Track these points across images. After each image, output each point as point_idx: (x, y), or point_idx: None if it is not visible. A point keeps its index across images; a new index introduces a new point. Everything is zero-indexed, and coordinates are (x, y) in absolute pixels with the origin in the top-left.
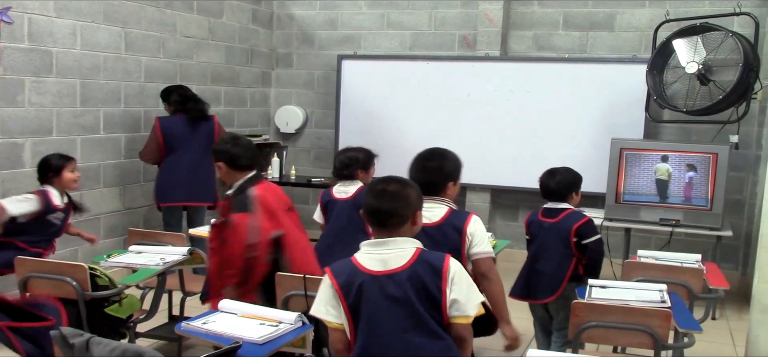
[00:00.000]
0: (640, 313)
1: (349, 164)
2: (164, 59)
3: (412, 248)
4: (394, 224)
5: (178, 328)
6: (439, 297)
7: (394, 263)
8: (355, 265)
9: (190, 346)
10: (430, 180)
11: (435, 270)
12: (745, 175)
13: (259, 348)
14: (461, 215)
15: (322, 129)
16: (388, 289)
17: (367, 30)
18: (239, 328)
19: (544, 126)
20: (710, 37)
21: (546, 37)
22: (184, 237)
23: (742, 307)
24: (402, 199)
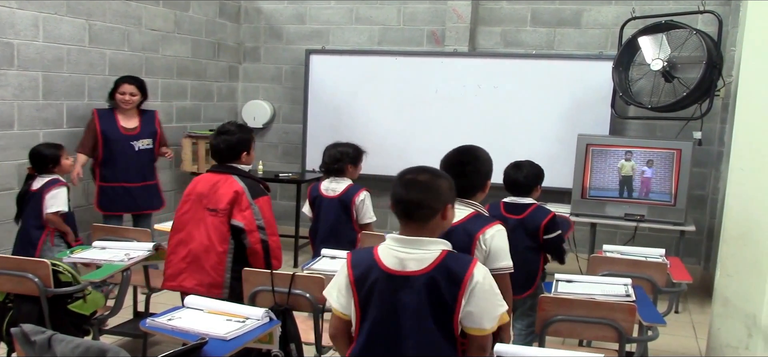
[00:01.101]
0: (605, 307)
1: (339, 158)
2: (129, 52)
3: (437, 251)
4: (422, 217)
5: (142, 324)
6: (452, 306)
7: (412, 265)
8: (374, 259)
9: (156, 343)
10: (470, 183)
11: (455, 278)
12: (708, 171)
13: (226, 344)
14: (480, 221)
15: (290, 124)
16: (401, 293)
17: (335, 24)
18: (205, 324)
19: (511, 121)
20: (675, 35)
21: (514, 34)
22: (149, 232)
23: (705, 300)
24: (432, 191)
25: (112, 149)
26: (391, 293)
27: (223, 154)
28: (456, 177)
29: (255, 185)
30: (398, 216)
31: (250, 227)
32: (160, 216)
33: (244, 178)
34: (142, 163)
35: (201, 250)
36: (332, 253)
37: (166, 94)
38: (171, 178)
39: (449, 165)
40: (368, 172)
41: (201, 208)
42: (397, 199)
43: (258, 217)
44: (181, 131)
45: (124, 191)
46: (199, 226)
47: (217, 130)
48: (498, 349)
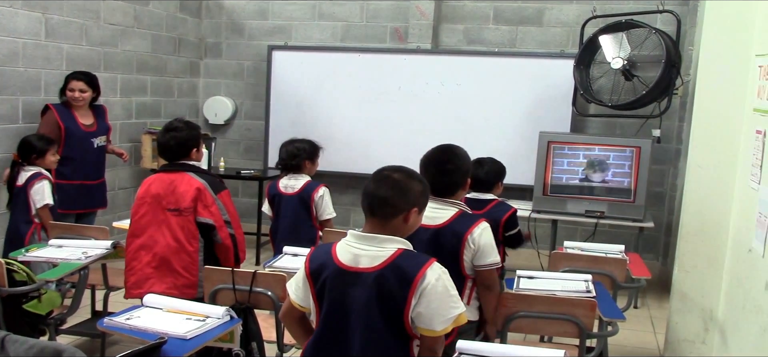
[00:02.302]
0: (566, 303)
1: (296, 155)
2: (87, 47)
3: (392, 249)
4: (385, 215)
5: (100, 324)
6: (402, 305)
7: (365, 262)
8: (330, 254)
9: (115, 343)
10: (451, 181)
11: (405, 278)
12: (666, 168)
13: (186, 343)
14: (466, 221)
15: (252, 120)
16: (351, 288)
17: (298, 21)
18: (165, 324)
19: (474, 119)
20: (635, 34)
21: (476, 31)
22: (107, 230)
23: (663, 295)
24: (401, 190)
25: (74, 146)
26: (342, 288)
27: (173, 151)
28: (437, 175)
29: (214, 180)
30: (364, 210)
31: (219, 223)
32: (113, 215)
33: (202, 174)
34: (100, 160)
35: (169, 253)
36: (294, 250)
37: (125, 89)
38: (130, 175)
39: (430, 164)
40: (330, 168)
41: (160, 209)
42: (366, 192)
43: (224, 212)
44: (141, 127)
45: (83, 189)
46: (161, 229)
47: (163, 127)
48: (460, 345)
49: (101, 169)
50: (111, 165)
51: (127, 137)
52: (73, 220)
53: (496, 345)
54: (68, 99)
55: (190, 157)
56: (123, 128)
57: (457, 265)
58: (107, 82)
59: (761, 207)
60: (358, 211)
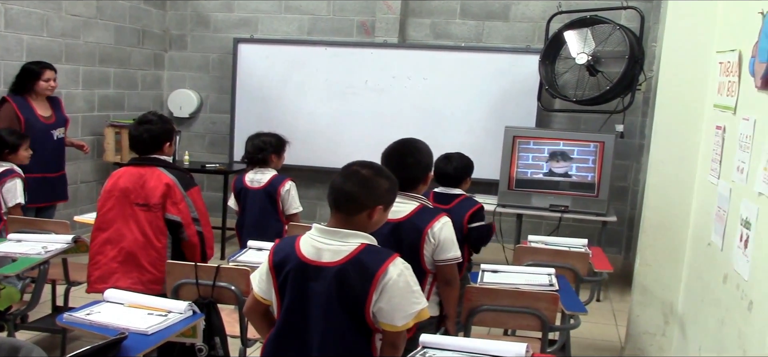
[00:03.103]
0: (529, 297)
1: (262, 148)
2: (48, 38)
3: (355, 244)
4: (349, 210)
5: (60, 319)
6: (363, 300)
7: (327, 257)
8: (293, 247)
9: (76, 338)
10: (411, 176)
11: (367, 272)
12: (630, 163)
13: (147, 339)
14: (427, 215)
15: (217, 113)
16: (312, 282)
17: (264, 13)
18: (126, 319)
19: (440, 113)
20: (599, 30)
21: (443, 26)
22: (68, 224)
23: (625, 288)
24: (368, 187)
25: (33, 138)
26: (303, 282)
27: (146, 144)
28: (397, 169)
29: (184, 176)
30: (329, 204)
31: (186, 221)
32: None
33: (172, 170)
34: (60, 152)
35: (137, 248)
36: (259, 244)
37: (87, 81)
38: (92, 168)
39: (390, 158)
40: (297, 163)
41: (128, 204)
42: (332, 187)
43: (192, 209)
44: (104, 120)
45: (44, 182)
46: (129, 223)
47: (137, 120)
48: (423, 339)
49: (61, 161)
50: (73, 158)
51: (90, 130)
52: (34, 213)
53: (460, 338)
54: (40, 89)
55: (162, 152)
56: (85, 121)
57: (417, 260)
58: (69, 74)
59: (720, 201)
60: (324, 205)
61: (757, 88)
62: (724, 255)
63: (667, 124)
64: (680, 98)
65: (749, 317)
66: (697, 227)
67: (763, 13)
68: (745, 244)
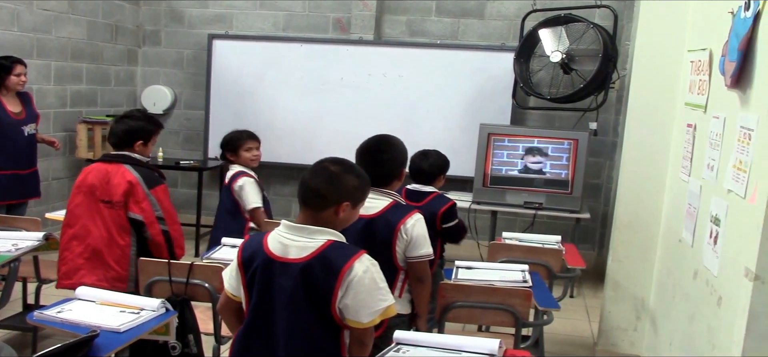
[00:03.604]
0: (502, 293)
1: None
2: (19, 33)
3: (322, 240)
4: (316, 206)
5: (30, 317)
6: (328, 296)
7: (293, 253)
8: (261, 243)
9: (47, 337)
10: (385, 172)
11: (332, 269)
12: (603, 161)
13: (119, 336)
14: (400, 211)
15: (192, 110)
16: (278, 278)
17: (239, 9)
18: (97, 317)
19: (416, 110)
20: (573, 28)
21: (419, 23)
22: (39, 221)
23: (598, 285)
24: (335, 183)
25: (4, 135)
26: (270, 278)
27: (119, 139)
28: (372, 166)
29: (150, 174)
30: (298, 200)
31: (149, 219)
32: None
33: (138, 168)
34: (31, 148)
35: (102, 244)
36: (232, 241)
37: (59, 77)
38: (64, 165)
39: (365, 154)
40: (272, 159)
41: (94, 200)
42: (301, 182)
43: (156, 207)
44: (76, 116)
45: (15, 178)
46: (95, 219)
47: (121, 114)
48: (397, 335)
49: (33, 157)
50: (44, 155)
51: (62, 126)
52: (5, 211)
53: (433, 334)
54: (12, 84)
55: (133, 149)
56: (57, 117)
57: (389, 256)
58: (40, 70)
59: (690, 199)
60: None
61: (727, 86)
62: (694, 251)
63: (640, 122)
64: (652, 96)
65: (718, 312)
66: (669, 224)
67: (733, 12)
68: (714, 240)
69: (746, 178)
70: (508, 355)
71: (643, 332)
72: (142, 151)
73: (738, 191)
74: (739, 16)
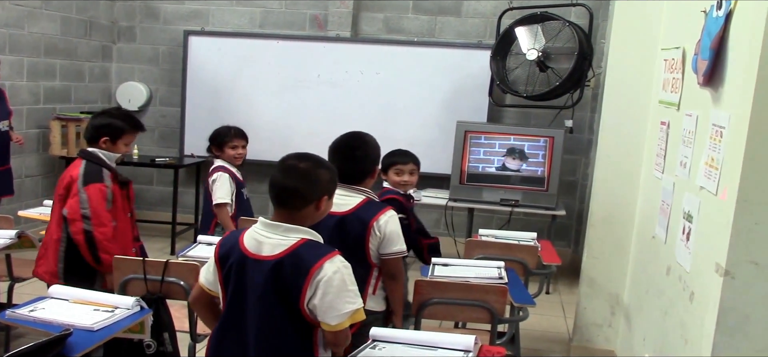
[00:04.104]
0: (478, 290)
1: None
2: None
3: (295, 238)
4: (295, 205)
5: (2, 316)
6: (297, 294)
7: (266, 250)
8: (238, 240)
9: (20, 336)
10: (359, 169)
11: (302, 267)
12: (578, 158)
13: (93, 335)
14: (373, 208)
15: (168, 107)
16: (251, 275)
17: (215, 6)
18: (71, 315)
19: (393, 107)
20: (549, 26)
21: (396, 20)
22: (11, 219)
23: (574, 281)
24: (310, 180)
25: None
26: (243, 274)
27: (88, 133)
28: (345, 162)
29: (93, 172)
30: (272, 201)
31: (71, 216)
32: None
33: (89, 163)
34: (5, 146)
35: (49, 237)
36: (209, 239)
37: (32, 73)
38: (38, 162)
39: (338, 151)
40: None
41: (57, 194)
42: (273, 183)
43: (84, 206)
44: (50, 113)
45: None
46: (53, 214)
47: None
48: (373, 332)
49: (6, 155)
50: (17, 152)
51: (35, 123)
52: None
53: (409, 331)
54: None
55: (98, 145)
56: (30, 114)
57: (362, 253)
58: (13, 66)
59: (664, 195)
60: None
61: (700, 84)
62: (667, 248)
63: (614, 119)
64: (627, 95)
65: (690, 308)
66: (643, 221)
67: (706, 11)
68: (687, 236)
69: (718, 175)
70: (483, 352)
71: (617, 328)
72: (110, 149)
73: (710, 188)
74: (712, 14)
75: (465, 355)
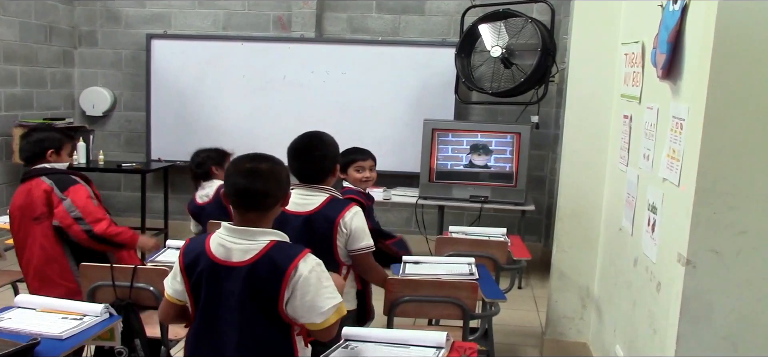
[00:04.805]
0: (449, 286)
1: (202, 163)
2: None
3: (264, 242)
4: (265, 206)
5: None
6: (275, 298)
7: (237, 256)
8: (204, 248)
9: None
10: (317, 168)
11: (278, 270)
12: (546, 153)
13: (61, 343)
14: (338, 205)
15: (132, 111)
16: (225, 283)
17: (177, 8)
18: (38, 324)
19: (360, 107)
20: (512, 23)
21: (360, 20)
22: None
23: (545, 275)
24: (276, 179)
25: None
26: (216, 282)
27: (30, 153)
28: (305, 163)
29: (63, 178)
30: (236, 206)
31: (66, 223)
32: None
33: (51, 175)
34: None
35: (43, 264)
36: (177, 243)
37: None
38: (0, 171)
39: (297, 151)
40: None
41: (28, 221)
42: (239, 189)
43: (72, 209)
44: (12, 120)
45: None
46: (32, 240)
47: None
48: (345, 332)
49: None
50: None
51: None
52: None
53: (382, 329)
54: None
55: (46, 160)
56: None
57: (330, 251)
58: None
59: (629, 188)
60: None
61: (659, 78)
62: (634, 239)
63: (578, 114)
64: (590, 89)
65: (658, 298)
66: (610, 213)
67: (663, 5)
68: (652, 228)
69: (679, 166)
70: (456, 347)
71: (588, 320)
72: (57, 160)
73: (672, 179)
74: (668, 9)
75: (437, 352)
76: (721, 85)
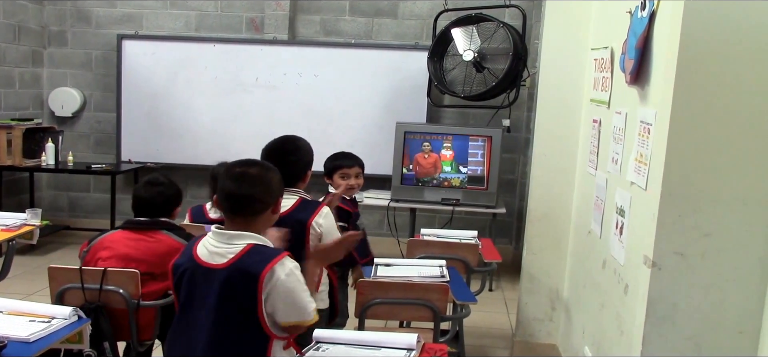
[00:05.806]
0: (420, 289)
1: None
2: None
3: (241, 245)
4: (254, 211)
5: None
6: (253, 303)
7: (216, 259)
8: (192, 248)
9: None
10: (293, 172)
11: (251, 275)
12: (517, 157)
13: (29, 346)
14: (309, 207)
15: (103, 112)
16: (203, 285)
17: (148, 9)
18: (6, 327)
19: (332, 110)
20: (484, 27)
21: (333, 23)
22: None
23: (516, 278)
24: (264, 184)
25: None
26: (195, 283)
27: None
28: (279, 166)
29: None
30: (225, 210)
31: None
32: None
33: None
34: None
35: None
36: None
37: None
38: None
39: (271, 154)
40: (187, 161)
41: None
42: (228, 193)
43: None
44: None
45: None
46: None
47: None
48: (316, 334)
49: None
50: None
51: None
52: None
53: (353, 331)
54: None
55: None
56: None
57: (304, 253)
58: None
59: (598, 191)
60: None
61: (627, 83)
62: (602, 242)
63: (549, 118)
64: (560, 94)
65: (625, 300)
66: (579, 216)
67: (631, 12)
68: (620, 231)
69: (647, 170)
70: (426, 349)
71: (558, 322)
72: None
73: (639, 183)
74: (637, 15)
75: (408, 354)
76: (686, 90)
